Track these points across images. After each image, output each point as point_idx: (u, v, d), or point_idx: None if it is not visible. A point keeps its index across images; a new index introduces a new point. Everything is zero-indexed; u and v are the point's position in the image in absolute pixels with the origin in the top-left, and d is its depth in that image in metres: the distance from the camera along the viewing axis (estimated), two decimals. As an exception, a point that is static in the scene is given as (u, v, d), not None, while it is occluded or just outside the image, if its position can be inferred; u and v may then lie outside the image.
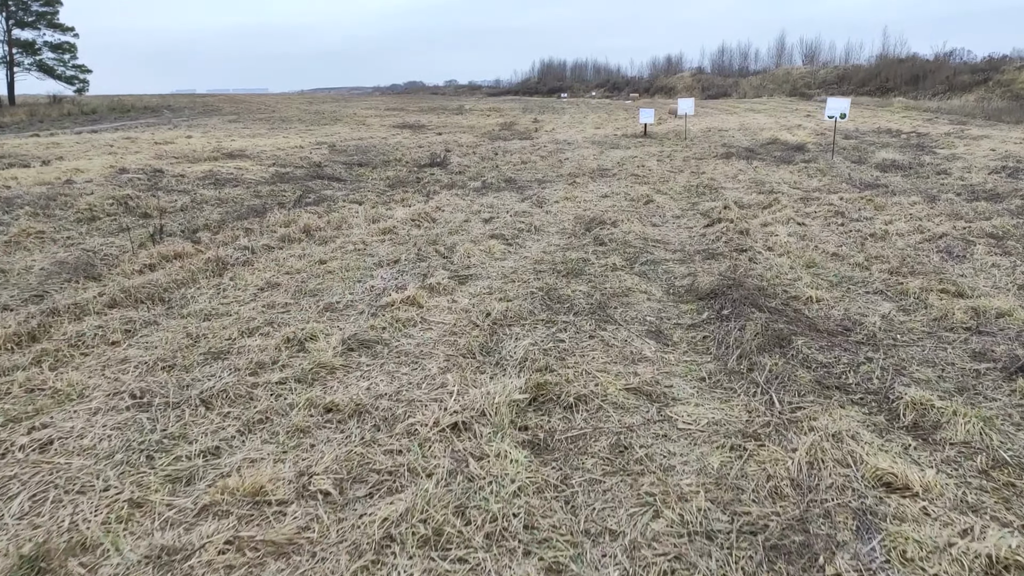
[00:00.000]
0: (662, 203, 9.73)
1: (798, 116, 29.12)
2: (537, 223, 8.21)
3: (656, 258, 6.54)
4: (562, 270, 5.97)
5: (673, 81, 62.55)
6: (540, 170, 13.81)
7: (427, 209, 9.14)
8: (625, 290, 5.38)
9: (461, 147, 18.65)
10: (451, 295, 5.23)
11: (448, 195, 10.49)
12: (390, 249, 6.74)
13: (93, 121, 29.54)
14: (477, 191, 11.02)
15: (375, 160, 15.30)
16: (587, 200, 10.02)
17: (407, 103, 49.96)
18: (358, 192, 10.89)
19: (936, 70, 39.04)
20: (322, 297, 5.13)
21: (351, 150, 17.56)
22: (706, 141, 19.45)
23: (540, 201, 10.07)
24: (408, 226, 8.04)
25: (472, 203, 9.78)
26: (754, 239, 7.31)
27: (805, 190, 10.81)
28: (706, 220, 8.43)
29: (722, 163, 14.43)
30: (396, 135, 22.65)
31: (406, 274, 5.78)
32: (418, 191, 10.91)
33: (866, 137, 19.97)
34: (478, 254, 6.52)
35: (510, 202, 9.92)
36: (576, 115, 34.06)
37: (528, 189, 11.29)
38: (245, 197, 10.05)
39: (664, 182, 11.83)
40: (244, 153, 16.07)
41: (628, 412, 3.31)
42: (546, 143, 19.67)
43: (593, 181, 12.07)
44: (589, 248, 6.93)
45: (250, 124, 27.11)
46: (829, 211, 8.87)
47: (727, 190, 10.93)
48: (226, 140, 19.60)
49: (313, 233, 7.43)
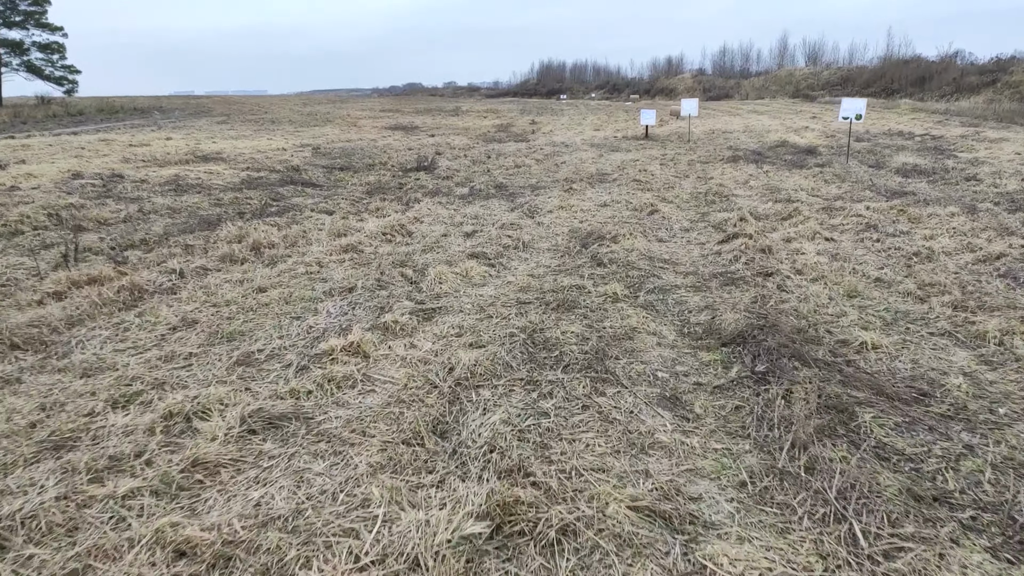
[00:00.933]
0: (668, 213, 8.59)
1: (803, 118, 27.99)
2: (526, 238, 7.07)
3: (665, 284, 5.41)
4: (552, 301, 4.84)
5: (674, 82, 61.33)
6: (534, 175, 12.68)
7: (403, 220, 8.01)
8: (629, 330, 4.25)
9: (453, 149, 17.52)
10: (410, 337, 4.10)
11: (430, 203, 9.36)
12: (348, 273, 5.59)
13: (78, 123, 28.43)
14: (463, 199, 9.88)
15: (358, 163, 14.16)
16: (584, 210, 8.89)
17: (403, 104, 48.85)
18: (331, 200, 9.75)
19: (942, 71, 37.89)
20: (242, 343, 3.99)
21: (335, 152, 16.43)
22: (710, 143, 18.32)
23: (532, 211, 8.94)
24: (377, 241, 6.90)
25: (456, 213, 8.65)
26: (779, 259, 6.17)
27: (826, 198, 9.67)
28: (720, 234, 7.30)
29: (730, 167, 13.30)
30: (386, 137, 21.52)
31: (359, 307, 4.65)
32: (398, 199, 9.78)
33: (878, 140, 18.83)
34: (452, 279, 5.38)
35: (498, 212, 8.78)
36: (575, 116, 32.92)
37: (520, 196, 10.16)
38: (202, 206, 8.91)
39: (669, 189, 10.70)
40: (220, 156, 14.94)
41: (638, 554, 2.18)
42: (542, 145, 18.55)
43: (591, 187, 10.94)
44: (585, 270, 5.79)
45: (238, 125, 26.00)
46: (858, 224, 7.73)
47: (739, 198, 9.79)
48: (206, 142, 18.47)
49: (263, 251, 6.29)
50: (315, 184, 11.37)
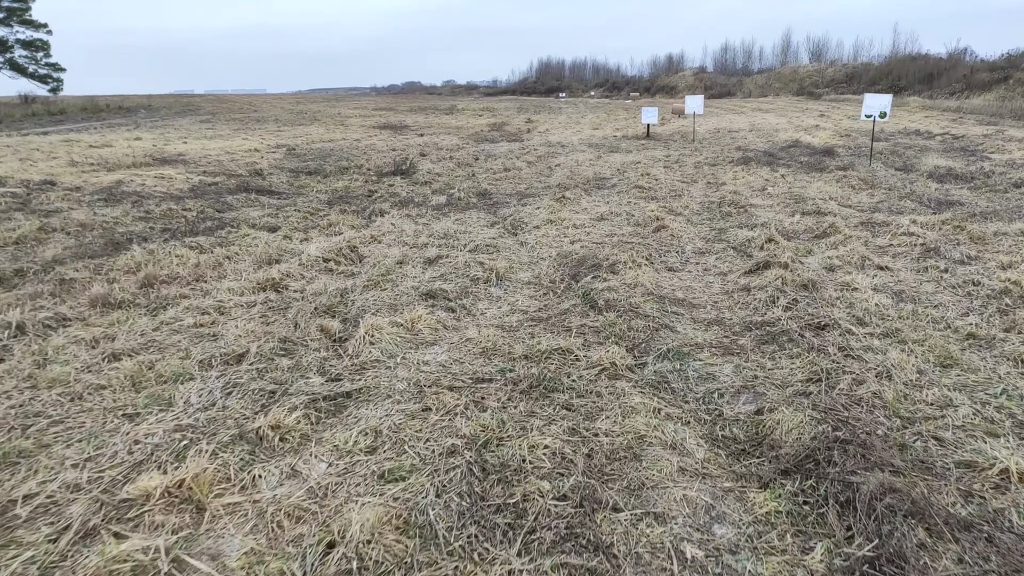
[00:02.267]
0: (678, 230, 7.06)
1: (811, 116, 26.39)
2: (503, 266, 5.53)
3: (681, 342, 3.88)
4: (522, 379, 3.32)
5: (675, 80, 59.52)
6: (524, 180, 11.15)
7: (357, 240, 6.48)
8: (634, 440, 2.74)
9: (439, 150, 15.98)
10: (293, 457, 2.59)
11: (397, 216, 7.83)
12: (250, 327, 4.06)
13: (57, 122, 26.91)
14: (437, 210, 8.35)
15: (331, 167, 12.62)
16: (578, 225, 7.35)
17: (399, 103, 47.26)
18: (283, 211, 8.22)
19: (951, 68, 36.19)
20: (14, 475, 2.48)
21: (311, 154, 14.89)
22: (716, 143, 16.76)
23: (515, 226, 7.40)
24: (314, 271, 5.38)
25: (423, 229, 7.12)
26: (828, 300, 4.64)
27: (861, 209, 8.13)
28: (745, 260, 5.76)
29: (742, 170, 11.75)
30: (372, 136, 19.97)
31: (237, 393, 3.13)
32: (360, 210, 8.25)
33: (897, 139, 17.25)
34: (391, 336, 3.86)
35: (475, 228, 7.25)
36: (573, 115, 31.32)
37: (503, 207, 8.62)
38: (124, 222, 7.39)
39: (676, 197, 9.15)
40: (181, 158, 13.41)
41: None
42: (537, 146, 17.00)
43: (587, 195, 9.41)
44: (574, 318, 4.27)
45: (220, 124, 24.47)
46: (913, 245, 6.20)
47: (759, 209, 8.25)
48: (175, 142, 16.95)
49: (155, 289, 4.77)
50: (273, 192, 9.84)
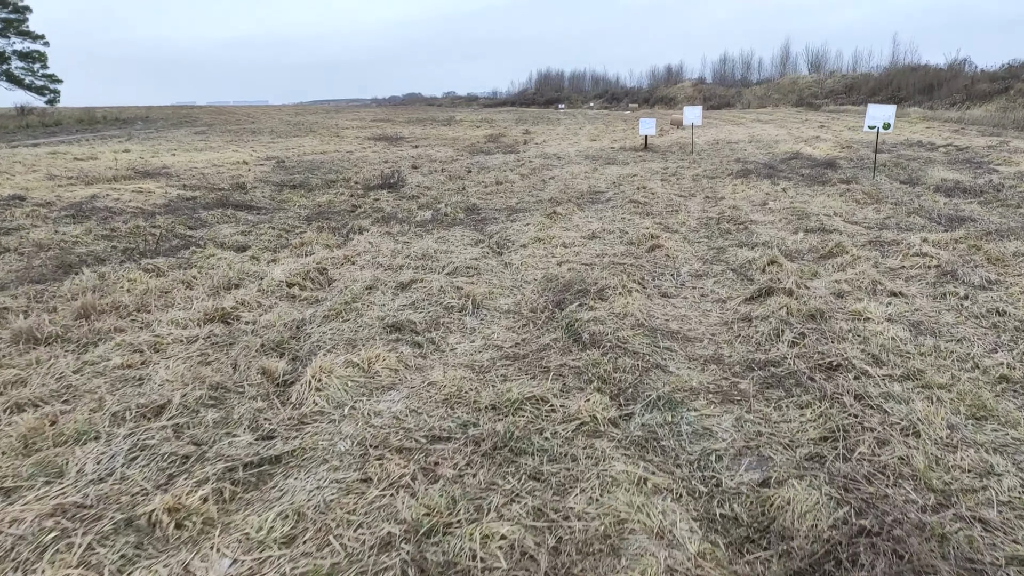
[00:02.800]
0: (673, 249, 6.57)
1: (811, 127, 25.97)
2: (482, 292, 5.04)
3: (674, 387, 3.39)
4: (485, 437, 2.82)
5: (674, 91, 59.19)
6: (516, 194, 10.68)
7: (329, 261, 6.00)
8: (614, 523, 2.24)
9: (433, 163, 15.54)
10: (183, 555, 2.09)
11: (376, 234, 7.35)
12: (184, 369, 3.55)
13: (51, 134, 26.56)
14: (421, 227, 7.87)
15: (317, 180, 12.17)
16: (567, 243, 6.87)
17: (397, 114, 46.95)
18: (257, 228, 7.75)
19: (951, 79, 35.80)
20: None
21: (299, 167, 14.45)
22: (715, 155, 16.31)
23: (501, 245, 6.92)
24: (273, 298, 4.89)
25: (402, 249, 6.63)
26: (838, 332, 4.14)
27: (867, 226, 7.64)
28: (745, 285, 5.26)
29: (741, 184, 11.29)
30: (366, 148, 19.55)
31: (144, 458, 2.64)
32: (339, 227, 7.77)
33: (899, 151, 16.80)
34: (342, 380, 3.37)
35: (457, 247, 6.77)
36: (571, 126, 30.94)
37: (491, 223, 8.15)
38: (84, 241, 6.92)
39: (673, 212, 8.67)
40: (165, 171, 12.96)
41: None
42: (532, 157, 16.56)
43: (580, 210, 8.93)
44: (554, 355, 3.78)
45: (214, 136, 24.09)
46: (927, 267, 5.70)
47: (759, 225, 7.77)
48: (164, 155, 16.53)
49: (90, 320, 4.28)
50: (252, 207, 9.38)
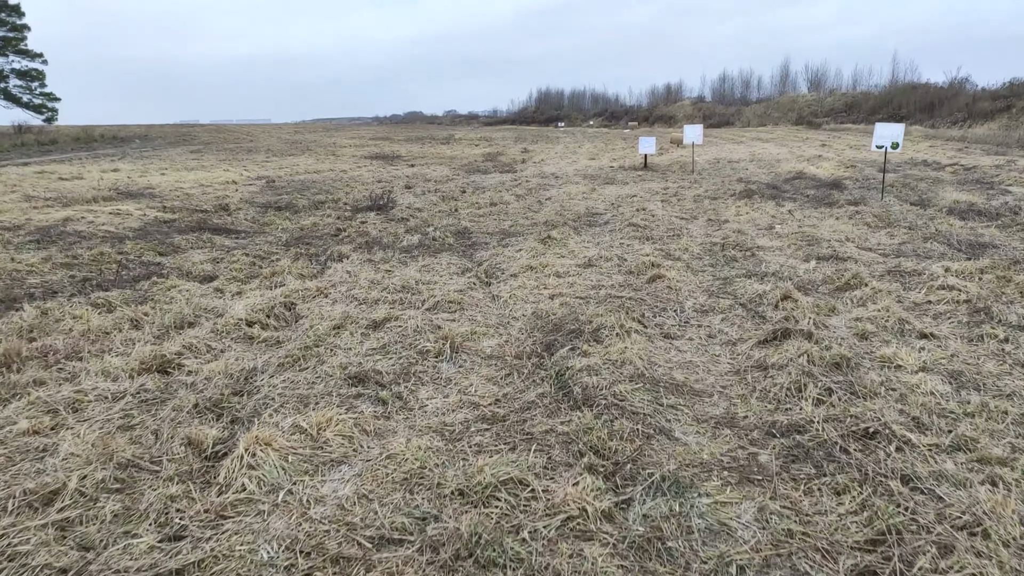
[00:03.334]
0: (676, 280, 6.02)
1: (813, 146, 25.57)
2: (463, 332, 4.50)
3: (682, 461, 2.83)
4: (446, 540, 2.26)
5: (673, 109, 59.07)
6: (510, 216, 10.18)
7: (300, 294, 5.46)
8: None
9: (427, 182, 15.09)
10: None
11: (356, 261, 6.82)
12: (90, 440, 3.00)
13: (45, 152, 26.20)
14: (405, 253, 7.35)
15: (305, 201, 11.68)
16: (561, 273, 6.33)
17: (397, 132, 46.73)
18: (230, 256, 7.22)
19: (952, 97, 35.52)
20: None
21: (290, 186, 13.99)
22: (717, 175, 15.84)
23: (489, 274, 6.39)
24: (227, 341, 4.35)
25: (382, 279, 6.10)
26: (869, 386, 3.58)
27: (883, 254, 7.11)
28: (758, 323, 4.72)
29: (745, 205, 10.78)
30: (361, 167, 19.12)
31: None
32: (319, 254, 7.26)
33: (905, 170, 16.35)
34: (281, 453, 2.81)
35: (442, 276, 6.23)
36: (570, 144, 30.59)
37: (481, 249, 7.63)
38: (41, 269, 6.38)
39: (675, 236, 8.15)
40: (149, 191, 12.49)
41: None
42: (529, 177, 16.11)
43: (576, 234, 8.42)
44: (539, 417, 3.23)
45: (209, 155, 23.72)
46: (956, 302, 5.15)
47: (767, 252, 7.24)
48: (153, 174, 16.09)
49: (10, 369, 3.73)
50: (231, 230, 8.87)
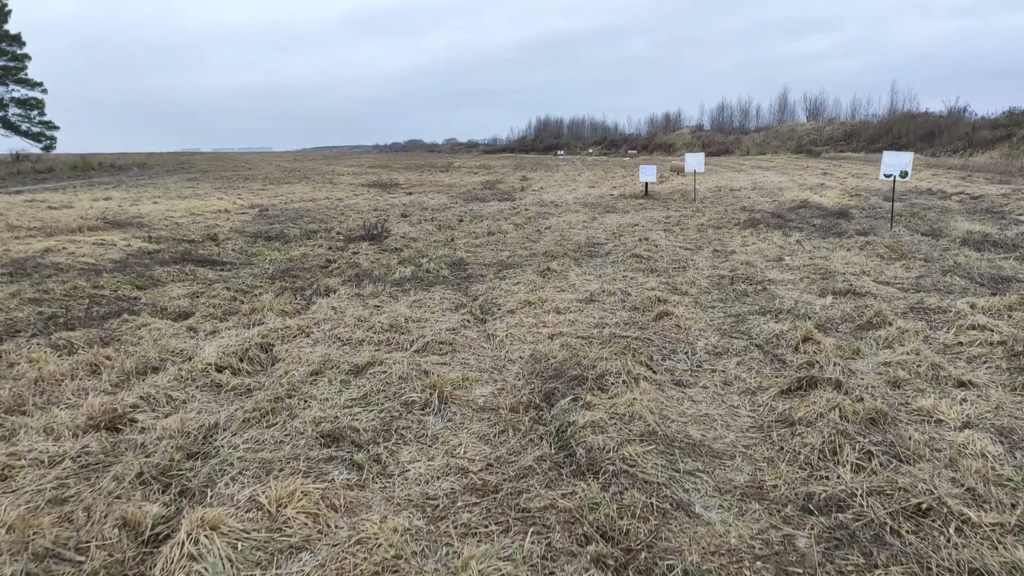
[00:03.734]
0: (684, 317, 5.59)
1: (814, 174, 25.36)
2: (453, 379, 4.06)
3: (704, 551, 2.33)
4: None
5: (672, 138, 59.27)
6: (508, 245, 9.81)
7: (279, 333, 5.03)
8: None
9: (424, 211, 14.76)
10: None
11: (344, 296, 6.40)
12: (11, 517, 2.55)
13: (40, 180, 26.00)
14: (397, 286, 6.93)
15: (297, 230, 11.32)
16: (561, 309, 5.91)
17: (396, 160, 46.77)
18: (211, 289, 6.80)
19: (952, 125, 35.51)
20: None
21: (283, 215, 13.66)
22: (719, 203, 15.53)
23: (485, 310, 5.96)
24: (191, 389, 3.91)
25: (369, 316, 5.67)
26: (912, 447, 3.13)
27: (902, 288, 6.69)
28: (778, 368, 4.27)
29: (750, 235, 10.41)
30: (358, 195, 18.85)
31: None
32: (305, 287, 6.85)
33: (911, 199, 16.08)
34: (230, 538, 2.35)
35: (434, 313, 5.81)
36: (570, 173, 30.44)
37: (477, 282, 7.22)
38: (7, 306, 5.96)
39: (680, 268, 7.74)
40: (138, 221, 12.14)
41: None
42: (529, 205, 15.80)
43: (577, 265, 8.03)
44: (537, 487, 2.78)
45: (204, 183, 23.51)
46: (989, 344, 4.71)
47: (779, 286, 6.82)
48: (145, 203, 15.79)
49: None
50: (217, 262, 8.47)
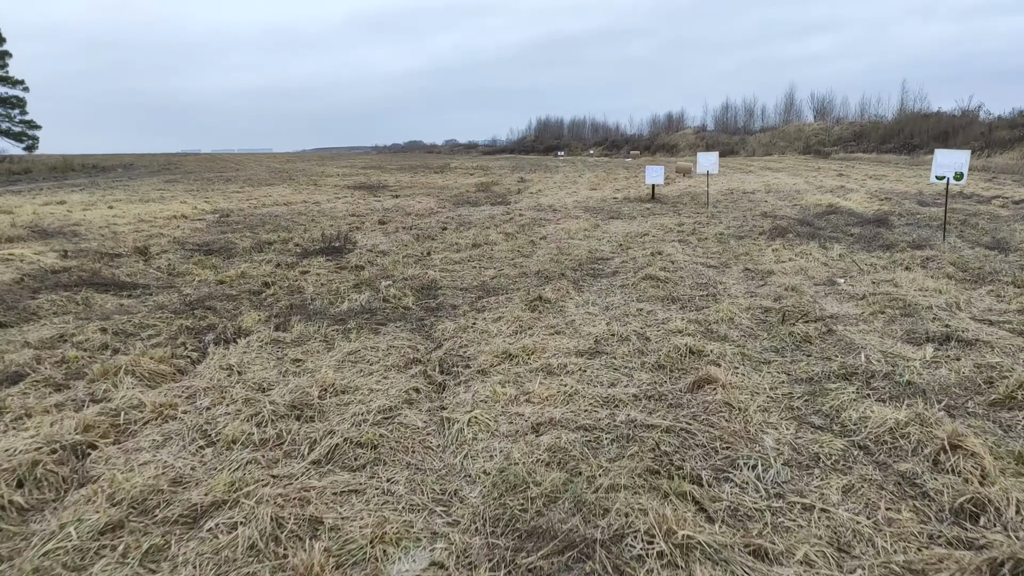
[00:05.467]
0: (733, 386, 3.77)
1: (829, 176, 23.49)
2: (356, 542, 2.27)
3: None
4: None
5: (675, 138, 57.30)
6: (495, 261, 8.01)
7: (124, 417, 3.25)
8: None
9: (407, 216, 12.96)
10: None
11: (257, 343, 4.58)
12: None
13: (11, 182, 24.25)
14: (338, 324, 5.11)
15: (248, 242, 9.51)
16: (555, 367, 4.09)
17: (393, 161, 44.96)
18: (84, 331, 4.99)
19: (967, 125, 33.64)
20: None
21: (244, 222, 11.87)
22: (735, 208, 13.70)
23: (445, 370, 4.14)
24: None
25: (274, 382, 3.85)
26: None
27: (1014, 329, 4.88)
28: (921, 514, 2.48)
29: (782, 247, 8.61)
30: (339, 199, 17.06)
31: None
32: (211, 328, 5.04)
33: (951, 204, 14.19)
34: None
35: (373, 375, 3.99)
36: (570, 174, 28.61)
37: (446, 317, 5.40)
38: None
39: (709, 296, 5.92)
40: (71, 230, 10.35)
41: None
42: (524, 210, 13.99)
43: (577, 290, 6.23)
44: None
45: (179, 185, 21.74)
46: None
47: (846, 325, 4.98)
48: (99, 206, 14.01)
49: None
50: (128, 285, 6.66)
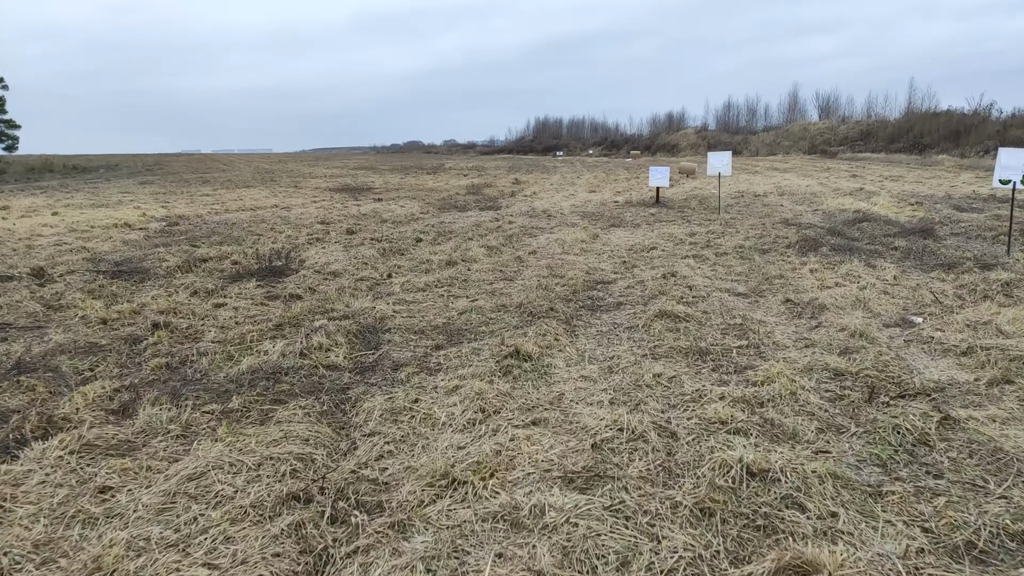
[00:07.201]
0: (835, 564, 2.07)
1: (841, 177, 21.69)
2: None
3: None
4: None
5: (676, 138, 55.42)
6: (470, 286, 6.29)
7: None
8: None
9: (382, 224, 11.25)
10: None
11: (60, 449, 2.89)
12: None
13: (-20, 183, 22.58)
14: (214, 404, 3.39)
15: (177, 259, 7.77)
16: (528, 510, 2.38)
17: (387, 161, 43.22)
18: None
19: (979, 124, 31.85)
20: None
21: (193, 231, 10.15)
22: (749, 213, 11.96)
23: (338, 519, 2.39)
24: None
25: (19, 562, 2.18)
26: None
27: None
28: None
29: (820, 265, 6.91)
30: (315, 202, 15.33)
31: None
32: (23, 409, 3.35)
33: (991, 209, 12.39)
34: None
35: (198, 550, 2.29)
36: (568, 175, 26.86)
37: (380, 388, 3.66)
38: None
39: (751, 348, 4.18)
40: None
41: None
42: (516, 215, 12.27)
43: (570, 336, 4.51)
44: None
45: (149, 187, 20.04)
46: None
47: (972, 407, 3.26)
48: (43, 212, 12.34)
49: None
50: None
